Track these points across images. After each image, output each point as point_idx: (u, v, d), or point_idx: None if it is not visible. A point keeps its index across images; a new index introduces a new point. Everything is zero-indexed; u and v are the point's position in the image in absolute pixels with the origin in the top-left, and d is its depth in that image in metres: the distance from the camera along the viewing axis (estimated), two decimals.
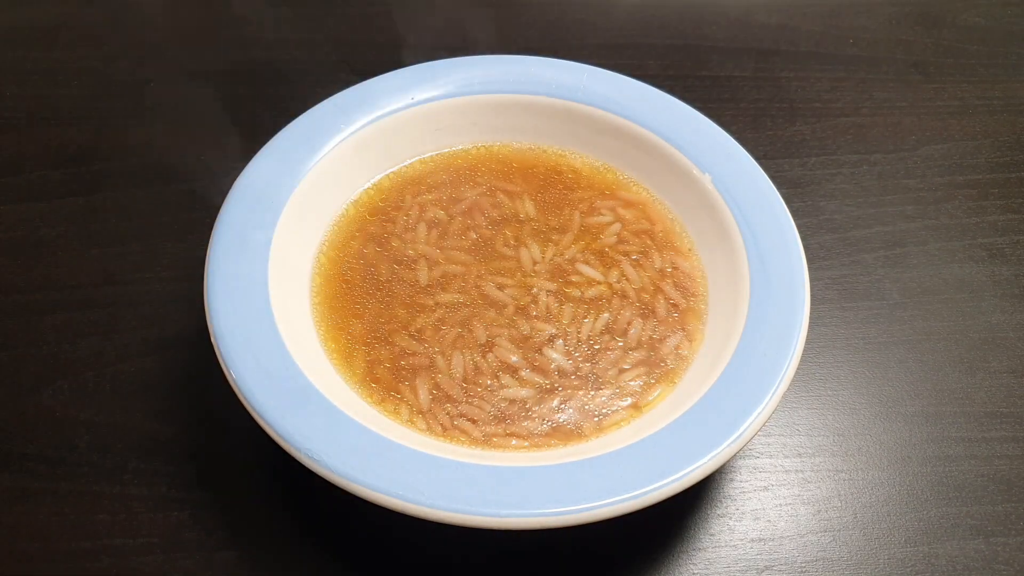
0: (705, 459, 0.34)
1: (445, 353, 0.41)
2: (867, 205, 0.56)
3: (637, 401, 0.39)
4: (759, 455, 0.44)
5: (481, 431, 0.38)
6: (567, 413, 0.39)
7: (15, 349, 0.46)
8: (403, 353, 0.41)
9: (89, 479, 0.41)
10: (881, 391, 0.47)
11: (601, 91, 0.49)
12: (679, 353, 0.41)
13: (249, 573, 0.39)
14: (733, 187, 0.45)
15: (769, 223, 0.43)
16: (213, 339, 0.37)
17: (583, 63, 0.50)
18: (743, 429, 0.35)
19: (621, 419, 0.39)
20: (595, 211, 0.47)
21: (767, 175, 0.45)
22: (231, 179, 0.44)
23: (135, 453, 0.42)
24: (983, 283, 0.52)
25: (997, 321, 0.50)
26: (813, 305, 0.40)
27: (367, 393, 0.39)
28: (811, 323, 0.39)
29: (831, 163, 0.59)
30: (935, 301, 0.51)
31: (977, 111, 0.63)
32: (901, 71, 0.66)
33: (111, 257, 0.51)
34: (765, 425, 0.36)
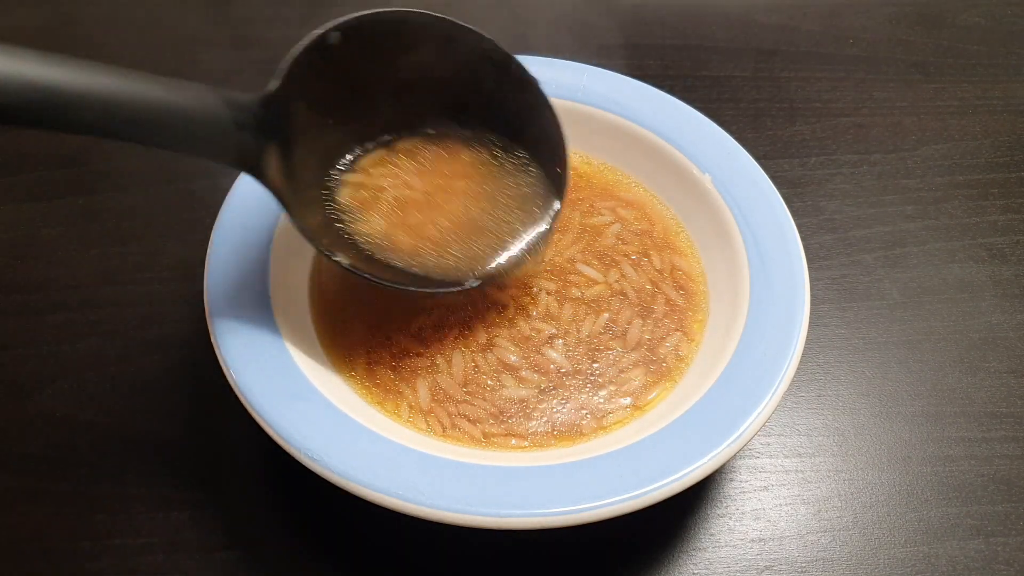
0: (705, 459, 0.34)
1: (445, 353, 0.41)
2: (867, 205, 0.56)
3: (637, 401, 0.39)
4: (759, 455, 0.44)
5: (480, 430, 0.38)
6: (567, 413, 0.39)
7: (15, 349, 0.46)
8: (403, 353, 0.41)
9: (89, 479, 0.41)
10: (881, 391, 0.47)
11: (601, 91, 0.49)
12: (679, 353, 0.41)
13: (249, 573, 0.39)
14: (733, 187, 0.45)
15: (769, 223, 0.43)
16: (213, 339, 0.37)
17: (583, 63, 0.50)
18: (743, 429, 0.35)
19: (621, 419, 0.39)
20: (595, 211, 0.47)
21: (767, 175, 0.45)
22: (231, 179, 0.44)
23: (135, 453, 0.42)
24: (983, 283, 0.52)
25: (997, 321, 0.50)
26: (813, 305, 0.40)
27: (367, 393, 0.39)
28: (811, 323, 0.39)
29: (831, 163, 0.59)
30: (935, 301, 0.51)
31: (977, 111, 0.63)
32: (901, 71, 0.66)
33: (111, 257, 0.51)
34: (765, 425, 0.36)
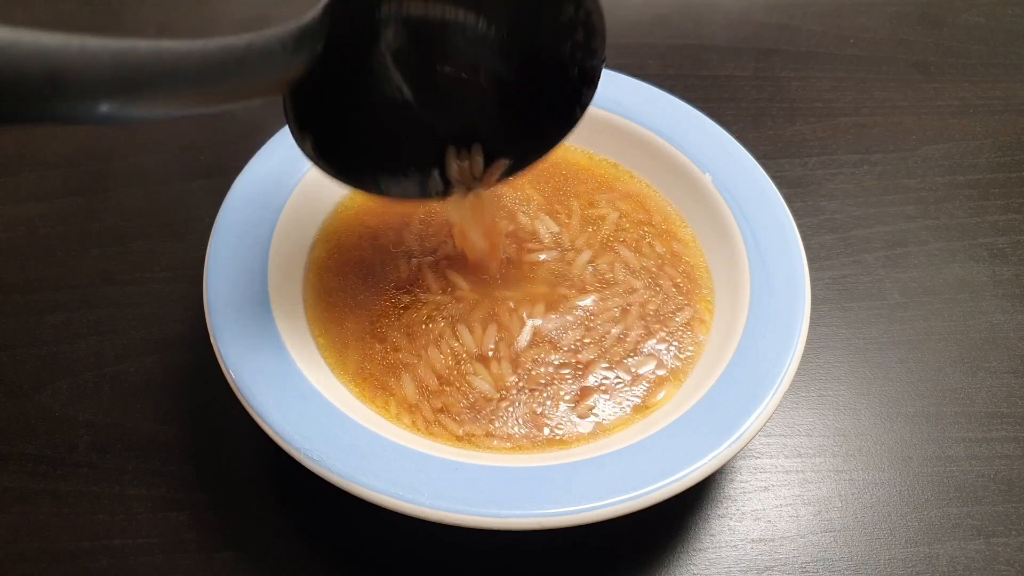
0: (705, 459, 0.34)
1: (440, 348, 0.41)
2: (867, 205, 0.56)
3: (641, 402, 0.39)
4: (759, 455, 0.44)
5: (467, 429, 0.38)
6: (568, 413, 0.39)
7: (15, 349, 0.46)
8: (396, 349, 0.41)
9: (89, 479, 0.41)
10: (881, 391, 0.46)
11: (601, 91, 0.49)
12: (683, 353, 0.41)
13: (249, 573, 0.39)
14: (733, 187, 0.45)
15: (769, 223, 0.43)
16: (213, 339, 0.37)
17: None
18: (743, 429, 0.35)
19: (624, 420, 0.39)
20: (594, 204, 0.47)
21: (767, 175, 0.45)
22: (231, 179, 0.44)
23: (135, 453, 0.42)
24: (984, 283, 0.52)
25: (998, 321, 0.50)
26: (813, 305, 0.40)
27: (358, 389, 0.39)
28: (811, 323, 0.39)
29: (831, 163, 0.59)
30: (936, 301, 0.51)
31: (978, 111, 0.63)
32: (901, 71, 0.66)
33: (111, 257, 0.51)
34: (765, 425, 0.36)
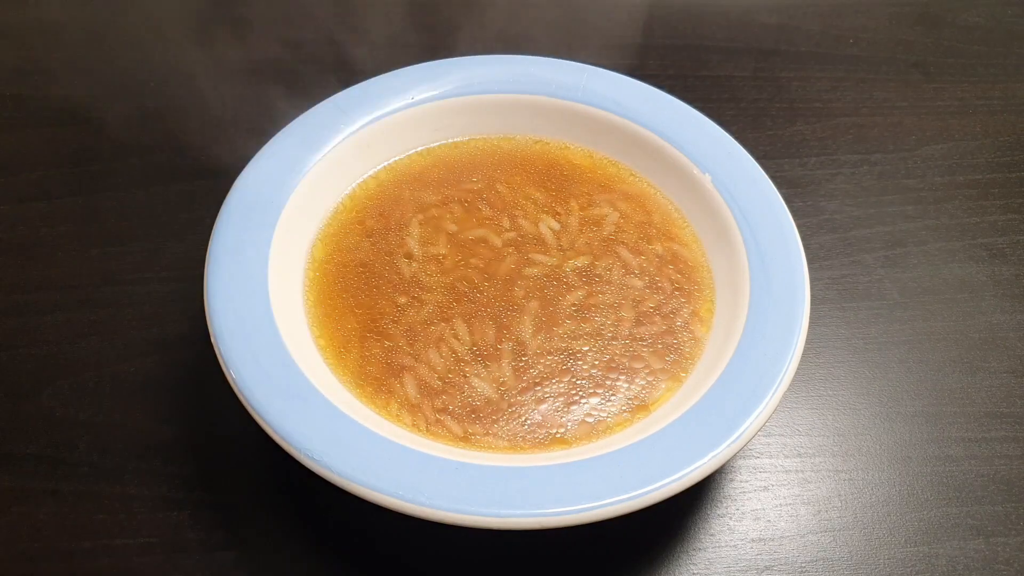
0: (705, 459, 0.34)
1: (440, 348, 0.41)
2: (867, 205, 0.56)
3: (641, 401, 0.39)
4: (759, 455, 0.44)
5: (468, 429, 0.38)
6: (568, 413, 0.39)
7: (15, 349, 0.46)
8: (396, 349, 0.41)
9: (89, 479, 0.41)
10: (881, 391, 0.47)
11: (601, 91, 0.49)
12: (683, 353, 0.41)
13: (249, 573, 0.39)
14: (733, 187, 0.45)
15: (769, 223, 0.43)
16: (213, 339, 0.37)
17: (583, 63, 0.50)
18: (743, 429, 0.35)
19: (624, 420, 0.39)
20: (594, 203, 0.47)
21: (767, 175, 0.45)
22: (231, 179, 0.44)
23: (135, 453, 0.42)
24: (983, 283, 0.52)
25: (997, 321, 0.50)
26: (813, 305, 0.40)
27: (358, 389, 0.39)
28: (811, 323, 0.39)
29: (831, 163, 0.59)
30: (935, 301, 0.51)
31: (977, 111, 0.63)
32: (901, 71, 0.66)
33: (111, 257, 0.51)
34: (765, 425, 0.36)
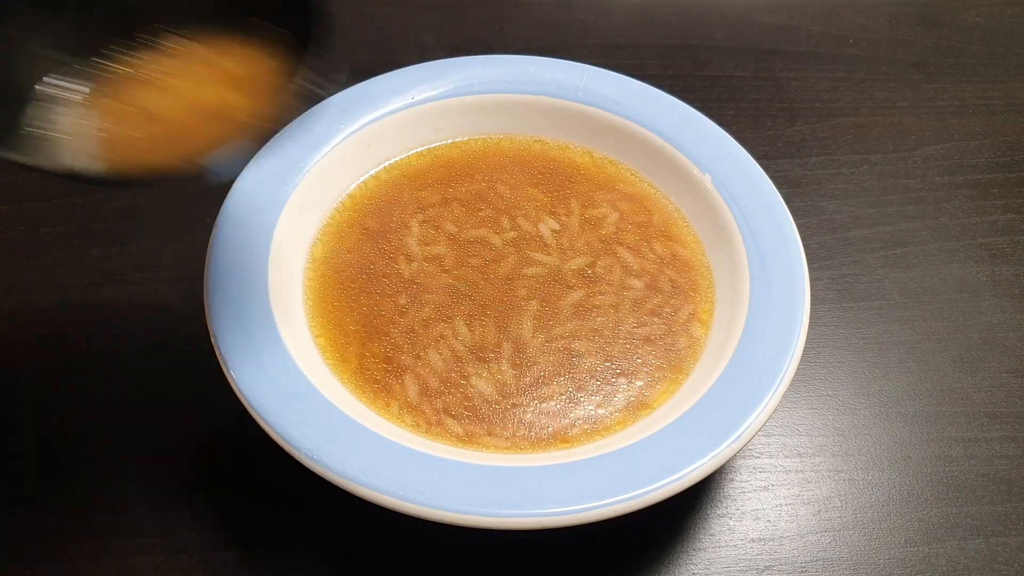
0: (705, 459, 0.34)
1: (440, 348, 0.41)
2: (867, 205, 0.56)
3: (641, 401, 0.39)
4: (759, 455, 0.44)
5: (468, 429, 0.38)
6: (568, 413, 0.39)
7: (15, 349, 0.46)
8: (397, 348, 0.41)
9: (89, 479, 0.41)
10: (881, 391, 0.47)
11: (601, 91, 0.49)
12: (683, 352, 0.41)
13: (249, 573, 0.39)
14: (733, 187, 0.45)
15: (769, 223, 0.43)
16: (213, 339, 0.37)
17: (583, 63, 0.50)
18: (743, 429, 0.35)
19: (624, 419, 0.39)
20: (594, 203, 0.47)
21: (767, 175, 0.45)
22: (231, 179, 0.44)
23: (135, 454, 0.42)
24: (983, 283, 0.52)
25: (997, 321, 0.50)
26: (813, 305, 0.40)
27: (359, 390, 0.39)
28: (811, 323, 0.39)
29: (831, 163, 0.59)
30: (935, 301, 0.51)
31: (977, 111, 0.63)
32: (901, 71, 0.66)
33: (111, 257, 0.51)
34: (765, 425, 0.36)
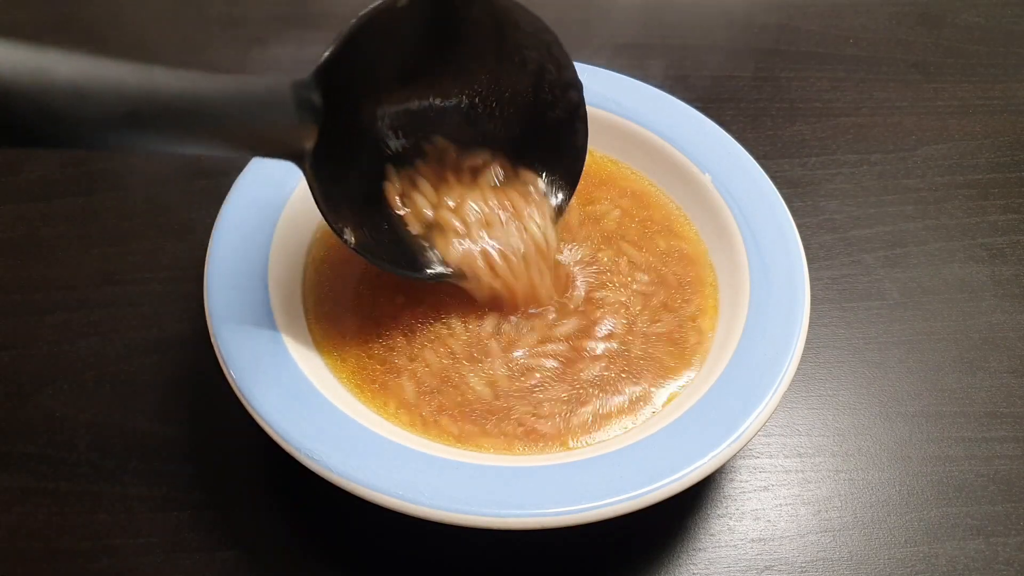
0: (705, 459, 0.34)
1: (437, 348, 0.41)
2: (867, 205, 0.56)
3: (642, 401, 0.39)
4: (759, 455, 0.44)
5: (465, 428, 0.38)
6: (567, 412, 0.39)
7: (15, 349, 0.46)
8: (395, 348, 0.41)
9: (89, 479, 0.41)
10: (881, 391, 0.47)
11: (601, 91, 0.49)
12: (685, 352, 0.41)
13: (249, 573, 0.39)
14: (733, 187, 0.45)
15: (769, 223, 0.43)
16: (213, 339, 0.37)
17: (583, 63, 0.50)
18: (743, 429, 0.35)
19: (625, 419, 0.39)
20: (594, 200, 0.47)
21: (767, 175, 0.45)
22: (231, 179, 0.44)
23: (135, 453, 0.42)
24: (983, 283, 0.52)
25: (997, 321, 0.50)
26: (813, 305, 0.40)
27: (357, 389, 0.39)
28: (811, 323, 0.39)
29: (831, 163, 0.59)
30: (935, 301, 0.51)
31: (977, 111, 0.63)
32: (901, 71, 0.66)
33: (111, 257, 0.51)
34: (765, 425, 0.36)
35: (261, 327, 0.38)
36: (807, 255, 0.42)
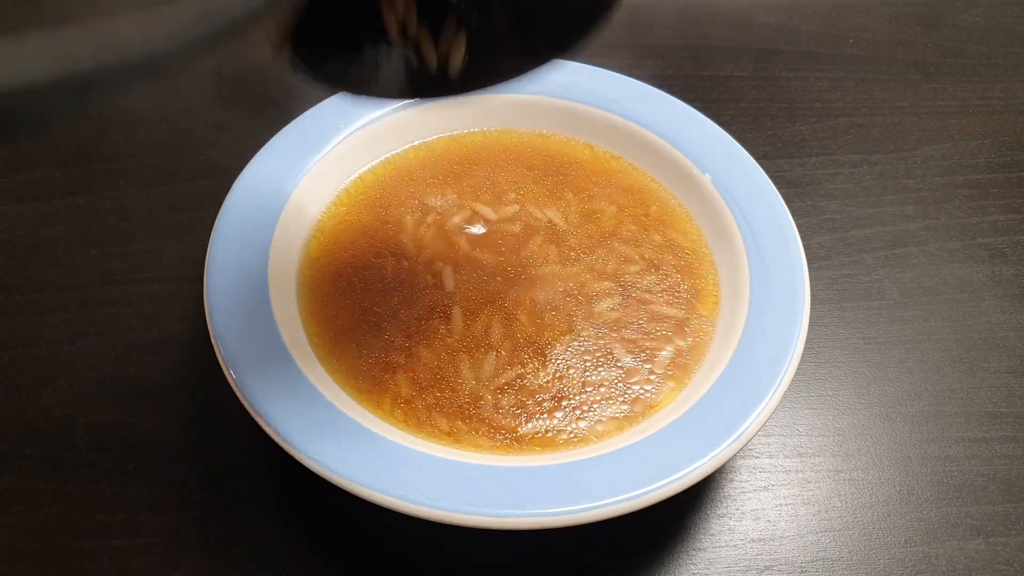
0: (705, 459, 0.34)
1: (433, 344, 0.41)
2: (867, 205, 0.56)
3: (640, 401, 0.39)
4: (759, 455, 0.44)
5: (461, 426, 0.38)
6: (567, 411, 0.39)
7: (15, 349, 0.46)
8: (390, 345, 0.40)
9: (89, 479, 0.41)
10: (881, 391, 0.47)
11: (601, 91, 0.49)
12: (685, 351, 0.41)
13: (249, 573, 0.39)
14: (733, 187, 0.45)
15: (769, 223, 0.43)
16: (213, 339, 0.37)
17: (583, 63, 0.51)
18: (743, 429, 0.35)
19: (625, 419, 0.39)
20: (593, 198, 0.47)
21: (767, 175, 0.45)
22: (231, 179, 0.44)
23: (135, 453, 0.42)
24: (983, 283, 0.52)
25: (997, 321, 0.50)
26: (813, 305, 0.40)
27: (353, 386, 0.39)
28: (811, 323, 0.39)
29: (831, 163, 0.59)
30: (935, 301, 0.51)
31: (977, 111, 0.63)
32: (901, 71, 0.66)
33: (111, 257, 0.51)
34: (765, 425, 0.36)
35: (261, 327, 0.38)
36: (807, 255, 0.42)
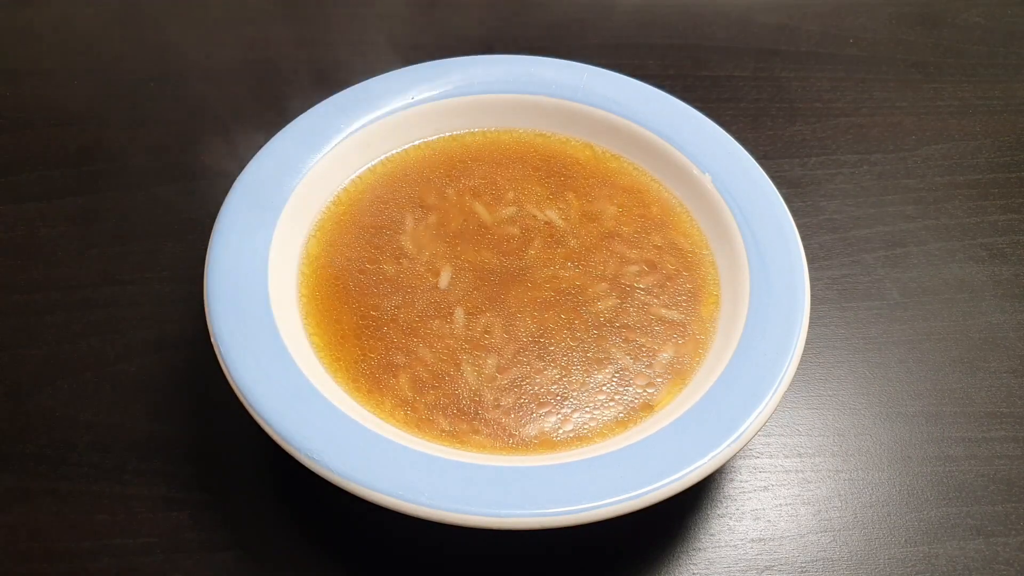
0: (705, 459, 0.34)
1: (433, 345, 0.41)
2: (867, 205, 0.56)
3: (642, 401, 0.39)
4: (759, 455, 0.44)
5: (461, 427, 0.38)
6: (567, 412, 0.39)
7: (15, 349, 0.46)
8: (391, 345, 0.40)
9: (89, 479, 0.41)
10: (881, 391, 0.47)
11: (601, 91, 0.49)
12: (685, 351, 0.41)
13: (249, 573, 0.39)
14: (733, 187, 0.45)
15: (769, 223, 0.43)
16: (213, 339, 0.37)
17: (583, 63, 0.50)
18: (743, 429, 0.35)
19: (625, 419, 0.39)
20: (593, 198, 0.47)
21: (767, 175, 0.45)
22: (231, 179, 0.44)
23: (135, 453, 0.42)
24: (983, 283, 0.52)
25: (997, 321, 0.50)
26: (813, 305, 0.40)
27: (353, 388, 0.39)
28: (811, 323, 0.39)
29: (831, 163, 0.59)
30: (935, 301, 0.51)
31: (977, 111, 0.63)
32: (901, 71, 0.66)
33: (111, 257, 0.51)
34: (765, 425, 0.36)
35: (261, 327, 0.38)
36: (807, 255, 0.42)
